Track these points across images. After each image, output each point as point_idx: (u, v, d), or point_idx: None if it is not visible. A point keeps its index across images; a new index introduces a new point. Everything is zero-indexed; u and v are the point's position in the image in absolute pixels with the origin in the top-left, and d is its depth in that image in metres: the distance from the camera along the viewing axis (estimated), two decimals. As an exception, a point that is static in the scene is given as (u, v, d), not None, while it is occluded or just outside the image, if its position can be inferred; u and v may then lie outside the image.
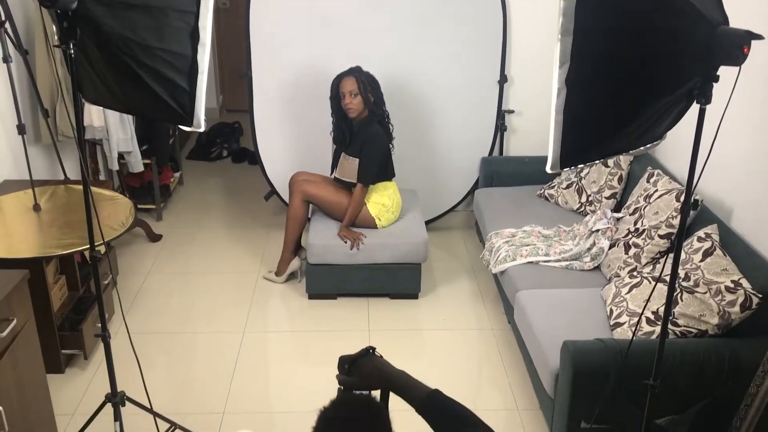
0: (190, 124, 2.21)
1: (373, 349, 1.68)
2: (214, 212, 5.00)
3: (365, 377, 1.62)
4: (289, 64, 4.23)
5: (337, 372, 1.66)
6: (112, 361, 2.38)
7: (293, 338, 3.59)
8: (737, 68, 1.84)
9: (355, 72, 3.71)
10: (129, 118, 4.01)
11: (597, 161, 2.15)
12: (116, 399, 2.42)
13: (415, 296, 3.91)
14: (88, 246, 2.93)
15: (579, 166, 2.10)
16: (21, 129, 3.31)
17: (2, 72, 3.40)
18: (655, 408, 2.34)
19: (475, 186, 4.51)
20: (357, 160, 3.74)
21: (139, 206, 4.69)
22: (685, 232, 2.10)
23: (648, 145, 2.20)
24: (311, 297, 3.90)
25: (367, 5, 4.12)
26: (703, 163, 2.02)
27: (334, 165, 3.95)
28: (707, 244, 2.82)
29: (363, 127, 3.72)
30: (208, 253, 4.40)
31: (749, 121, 2.97)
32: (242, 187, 5.40)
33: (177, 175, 5.19)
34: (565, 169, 2.07)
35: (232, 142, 6.04)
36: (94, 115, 3.86)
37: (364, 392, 1.60)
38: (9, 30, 3.23)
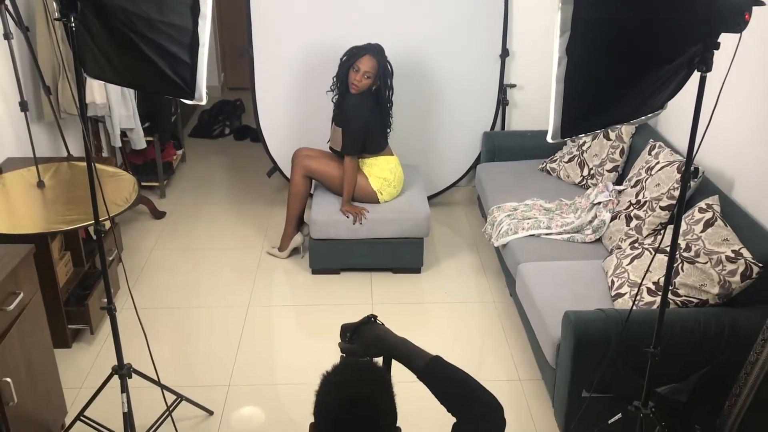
0: (191, 98, 2.22)
1: (375, 317, 1.70)
2: (217, 189, 5.02)
3: (367, 345, 1.65)
4: (290, 39, 4.22)
5: (339, 341, 1.69)
6: (118, 333, 2.41)
7: (297, 312, 3.62)
8: (738, 35, 1.84)
9: (378, 55, 3.64)
10: (131, 95, 4.01)
11: (598, 131, 2.15)
12: (123, 371, 2.45)
13: (417, 270, 3.93)
14: (93, 221, 2.98)
15: (580, 135, 2.11)
16: (23, 106, 3.32)
17: (3, 49, 3.40)
18: (656, 376, 2.37)
19: (477, 161, 4.52)
20: (340, 129, 3.75)
21: (142, 184, 4.71)
22: (685, 201, 2.11)
23: (649, 115, 2.20)
24: (314, 272, 3.92)
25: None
26: (703, 131, 2.02)
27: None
28: (708, 215, 2.84)
29: (348, 99, 3.71)
30: (211, 230, 4.42)
31: (750, 92, 2.97)
32: (245, 164, 5.41)
33: (180, 152, 5.20)
34: (566, 139, 2.09)
35: (234, 119, 6.04)
36: (96, 92, 3.86)
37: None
38: (9, 6, 3.22)
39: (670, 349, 2.55)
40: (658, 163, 3.34)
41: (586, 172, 3.96)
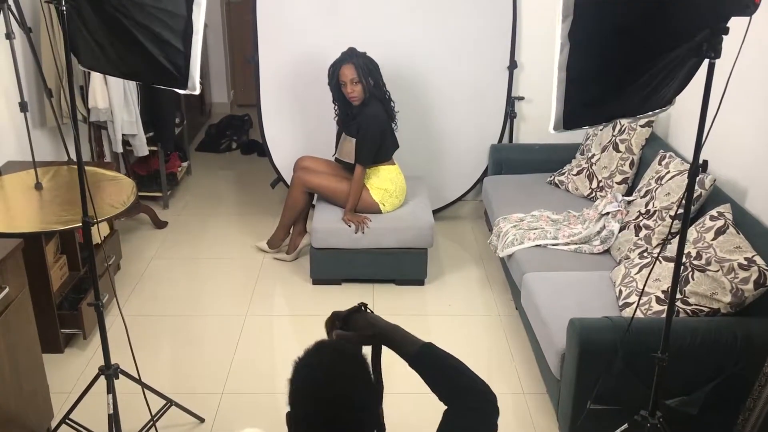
0: (184, 87, 2.17)
1: (365, 305, 1.64)
2: (221, 201, 4.97)
3: (359, 332, 1.58)
4: (297, 49, 4.19)
5: (330, 328, 1.62)
6: (105, 331, 2.33)
7: (295, 323, 3.53)
8: (747, 20, 1.77)
9: (353, 57, 3.62)
10: (134, 101, 3.98)
11: (602, 125, 2.07)
12: (110, 371, 2.37)
13: (421, 282, 3.84)
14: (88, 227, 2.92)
15: (585, 127, 2.03)
16: (23, 107, 3.29)
17: (5, 49, 3.38)
18: (665, 387, 2.26)
19: (484, 174, 4.44)
20: (354, 140, 3.69)
21: (145, 194, 4.67)
22: (693, 203, 2.02)
23: (656, 111, 2.12)
24: (315, 282, 3.84)
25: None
26: (710, 124, 1.94)
27: (337, 145, 3.90)
28: (720, 223, 2.74)
29: (362, 107, 3.67)
30: (213, 240, 4.36)
31: (761, 98, 2.89)
32: (250, 178, 5.37)
33: (185, 164, 5.16)
34: (569, 131, 2.01)
35: (242, 134, 6.01)
36: (99, 96, 3.83)
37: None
38: (12, 6, 3.21)
39: (680, 360, 2.44)
40: (668, 172, 3.25)
41: (594, 184, 3.87)
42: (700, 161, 1.96)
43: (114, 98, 3.82)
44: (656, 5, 1.80)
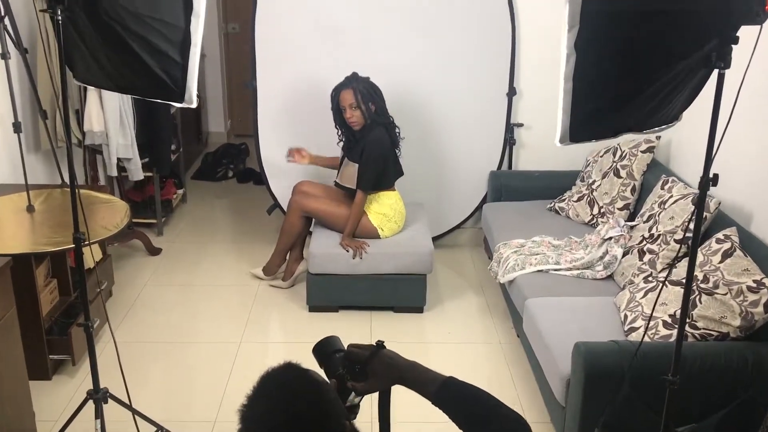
0: (181, 100, 2.12)
1: (382, 344, 1.53)
2: (216, 228, 4.90)
3: (379, 380, 1.46)
4: (295, 75, 4.17)
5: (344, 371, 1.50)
6: (94, 352, 2.25)
7: (291, 351, 3.43)
8: (758, 29, 1.74)
9: (353, 82, 3.60)
10: (129, 124, 3.93)
11: (610, 138, 2.02)
12: (98, 395, 2.28)
13: (420, 310, 3.75)
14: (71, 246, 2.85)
15: (591, 141, 1.98)
16: (17, 127, 3.23)
17: (3, 74, 3.34)
18: (675, 413, 2.17)
19: (483, 201, 4.39)
20: (357, 165, 3.64)
21: (139, 220, 4.60)
22: (703, 209, 1.96)
23: (663, 126, 2.08)
24: (312, 309, 3.75)
25: (375, 17, 4.07)
26: (721, 134, 1.89)
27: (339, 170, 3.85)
28: (726, 245, 2.68)
29: (365, 132, 3.63)
30: (208, 267, 4.28)
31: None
32: (246, 206, 5.31)
33: (180, 192, 5.10)
34: (573, 143, 1.95)
35: (239, 162, 5.97)
36: (95, 119, 3.79)
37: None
38: (9, 26, 3.17)
39: (690, 386, 2.35)
40: (671, 196, 3.20)
41: (596, 210, 3.82)
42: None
43: (110, 121, 3.77)
44: (664, 15, 1.76)
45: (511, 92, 4.25)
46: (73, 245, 2.81)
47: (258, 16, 4.07)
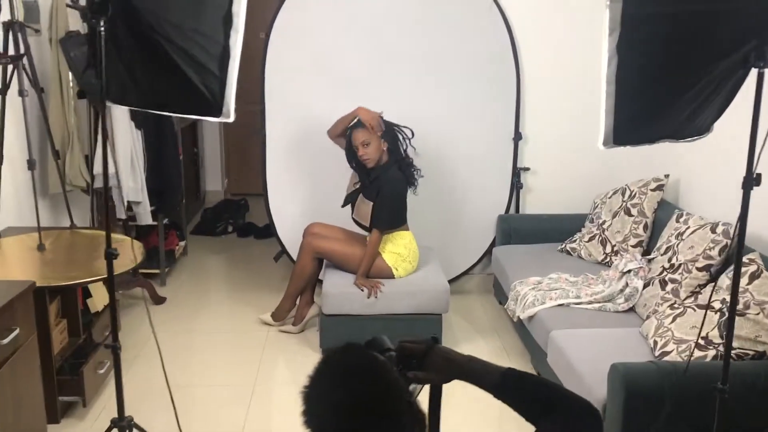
0: (219, 114, 2.12)
1: (436, 338, 1.51)
2: (220, 279, 4.84)
3: (437, 373, 1.45)
4: (303, 120, 4.20)
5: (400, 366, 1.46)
6: (120, 377, 2.16)
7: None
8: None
9: (361, 123, 3.62)
10: (140, 167, 3.91)
11: (648, 144, 2.04)
12: (123, 423, 2.18)
13: (436, 351, 3.67)
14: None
15: (631, 145, 2.00)
16: (31, 164, 3.21)
17: (15, 109, 3.32)
18: (722, 427, 2.12)
19: (492, 246, 4.38)
20: (371, 203, 3.63)
21: (142, 270, 4.52)
22: (747, 211, 1.97)
23: (696, 137, 2.11)
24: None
25: (384, 65, 4.16)
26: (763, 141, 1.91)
27: (349, 200, 3.82)
28: (753, 268, 2.68)
29: (381, 172, 3.63)
30: (215, 315, 4.20)
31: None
32: (249, 258, 5.25)
33: (182, 243, 5.05)
34: (617, 146, 1.97)
35: (238, 217, 5.94)
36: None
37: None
38: (26, 65, 3.19)
39: (731, 405, 2.30)
40: (688, 228, 3.22)
41: (608, 249, 3.82)
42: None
43: (121, 163, 3.75)
44: (702, 16, 1.81)
45: (517, 137, 4.31)
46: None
47: (268, 68, 4.13)
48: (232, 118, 2.12)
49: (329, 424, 1.21)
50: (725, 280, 2.74)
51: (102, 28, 1.96)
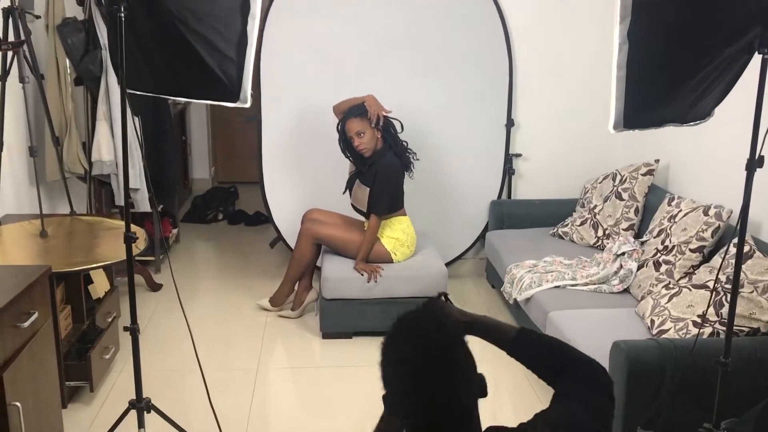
0: (236, 99, 2.16)
1: (445, 294, 1.60)
2: (214, 265, 4.85)
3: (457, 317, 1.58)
4: (298, 107, 4.23)
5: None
6: (139, 360, 2.20)
7: (311, 375, 3.38)
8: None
9: (357, 111, 3.65)
10: (138, 155, 3.91)
11: (655, 128, 2.11)
12: (141, 404, 2.22)
13: (433, 334, 3.74)
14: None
15: (640, 129, 2.07)
16: (32, 151, 3.21)
17: (15, 98, 3.32)
18: (724, 400, 2.22)
19: (484, 231, 4.46)
20: (368, 189, 3.68)
21: (137, 258, 4.52)
22: (750, 191, 2.05)
23: (698, 121, 2.19)
24: (325, 336, 3.72)
25: (377, 49, 4.19)
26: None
27: (348, 186, 3.87)
28: (745, 248, 2.77)
29: (377, 158, 3.68)
30: (212, 301, 4.23)
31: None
32: (241, 245, 5.27)
33: (175, 231, 5.05)
34: (627, 130, 2.04)
35: (228, 205, 5.95)
36: (104, 149, 3.77)
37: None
38: (27, 52, 3.18)
39: (729, 379, 2.40)
40: (680, 211, 3.31)
41: (600, 233, 3.91)
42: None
43: (119, 150, 3.75)
44: (709, 3, 1.88)
45: (509, 123, 4.38)
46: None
47: (263, 54, 4.15)
48: (248, 104, 2.16)
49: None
50: (718, 261, 2.84)
51: (122, 14, 1.98)
